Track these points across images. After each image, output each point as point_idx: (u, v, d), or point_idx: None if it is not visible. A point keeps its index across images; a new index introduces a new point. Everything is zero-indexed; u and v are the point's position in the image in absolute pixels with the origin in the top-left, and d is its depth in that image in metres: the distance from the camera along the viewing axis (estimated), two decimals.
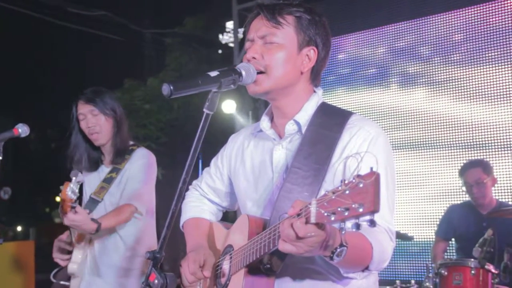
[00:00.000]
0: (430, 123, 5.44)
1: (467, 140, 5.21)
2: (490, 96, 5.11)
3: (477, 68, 5.21)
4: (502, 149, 5.01)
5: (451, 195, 5.20)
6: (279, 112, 1.83)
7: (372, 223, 1.21)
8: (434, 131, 5.41)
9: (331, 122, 1.75)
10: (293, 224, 1.33)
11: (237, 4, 7.64)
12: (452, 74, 5.36)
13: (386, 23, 5.79)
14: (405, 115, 5.61)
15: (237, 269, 1.69)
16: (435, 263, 3.94)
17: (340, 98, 6.05)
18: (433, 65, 5.50)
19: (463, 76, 5.29)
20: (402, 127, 5.61)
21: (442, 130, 5.36)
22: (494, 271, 3.63)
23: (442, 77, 5.42)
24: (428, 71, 5.52)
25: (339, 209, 1.23)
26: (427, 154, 5.44)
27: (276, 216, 1.65)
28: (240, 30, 8.45)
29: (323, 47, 1.79)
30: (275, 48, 1.73)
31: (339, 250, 1.39)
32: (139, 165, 3.09)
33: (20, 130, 2.70)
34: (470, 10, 5.30)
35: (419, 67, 5.59)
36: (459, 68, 5.32)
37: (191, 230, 2.03)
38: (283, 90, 1.77)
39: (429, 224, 5.32)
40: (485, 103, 5.14)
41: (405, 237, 4.64)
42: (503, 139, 5.03)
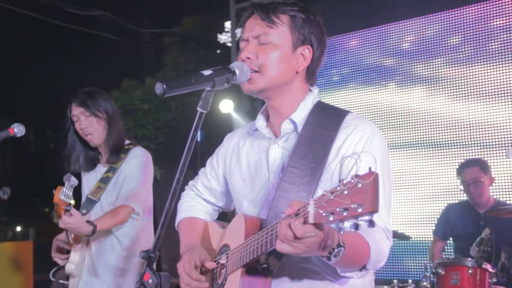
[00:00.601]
0: (428, 123, 5.43)
1: (465, 139, 5.20)
2: (488, 95, 5.11)
3: (474, 67, 5.21)
4: (499, 148, 5.01)
5: (449, 194, 5.20)
6: (275, 111, 1.83)
7: (371, 223, 1.21)
8: (431, 131, 5.41)
9: (327, 121, 1.75)
10: (291, 224, 1.32)
11: (234, 4, 7.62)
12: (450, 73, 5.35)
13: (383, 22, 5.78)
14: (402, 115, 5.60)
15: (233, 268, 1.68)
16: (433, 262, 3.94)
17: (337, 97, 6.05)
18: (430, 64, 5.49)
19: (461, 75, 5.28)
20: (399, 126, 5.60)
21: (440, 130, 5.35)
22: (491, 270, 3.63)
23: (440, 76, 5.41)
24: (425, 71, 5.52)
25: (337, 209, 1.22)
26: (424, 154, 5.44)
27: (272, 216, 1.65)
28: (238, 30, 8.43)
29: (318, 46, 1.79)
30: (269, 48, 1.73)
31: (336, 251, 1.38)
32: (135, 164, 3.09)
33: (15, 130, 2.70)
34: (468, 9, 5.30)
35: (416, 66, 5.59)
36: (457, 67, 5.32)
37: (185, 230, 2.03)
38: (278, 89, 1.76)
39: (426, 223, 5.32)
40: (482, 102, 5.13)
41: (402, 236, 4.65)
42: (500, 138, 5.02)
